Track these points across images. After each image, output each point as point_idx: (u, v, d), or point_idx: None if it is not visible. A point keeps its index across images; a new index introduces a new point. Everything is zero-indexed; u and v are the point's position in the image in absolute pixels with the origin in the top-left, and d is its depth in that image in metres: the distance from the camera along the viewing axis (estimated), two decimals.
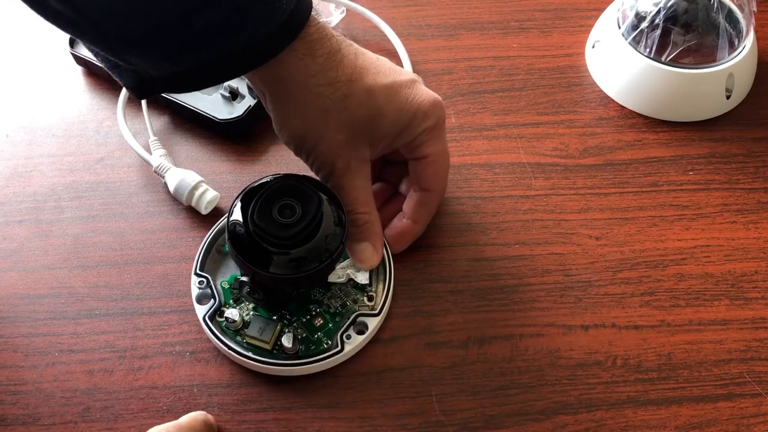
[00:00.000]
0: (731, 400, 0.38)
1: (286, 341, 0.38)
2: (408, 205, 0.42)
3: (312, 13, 0.35)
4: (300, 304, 0.40)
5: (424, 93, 0.38)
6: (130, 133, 0.47)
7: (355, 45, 0.38)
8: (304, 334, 0.39)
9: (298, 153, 0.38)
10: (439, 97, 0.39)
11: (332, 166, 0.37)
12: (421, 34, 0.55)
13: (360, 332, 0.39)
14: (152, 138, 0.47)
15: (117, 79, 0.35)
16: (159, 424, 0.35)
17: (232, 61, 0.33)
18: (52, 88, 0.53)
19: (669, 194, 0.46)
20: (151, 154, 0.47)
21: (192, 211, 0.45)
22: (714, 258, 0.43)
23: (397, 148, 0.40)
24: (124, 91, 0.49)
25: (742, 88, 0.50)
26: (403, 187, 0.44)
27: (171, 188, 0.45)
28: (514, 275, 0.42)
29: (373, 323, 0.39)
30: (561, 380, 0.38)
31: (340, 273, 0.41)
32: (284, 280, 0.36)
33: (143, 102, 0.49)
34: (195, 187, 0.44)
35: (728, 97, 0.49)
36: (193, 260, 0.41)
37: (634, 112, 0.50)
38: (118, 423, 0.37)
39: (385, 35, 0.53)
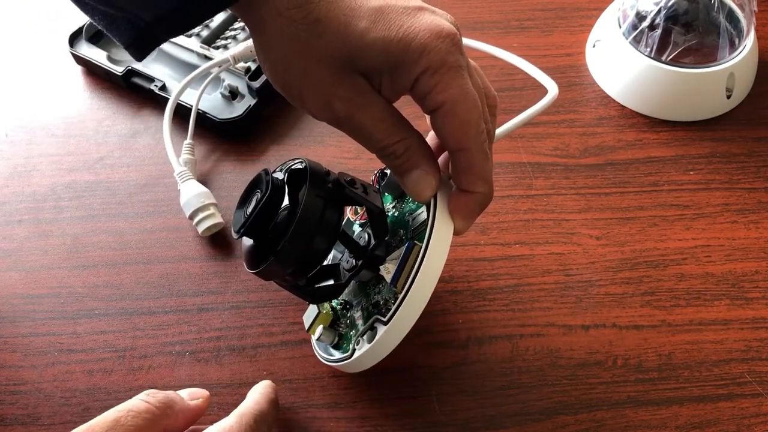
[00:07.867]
0: (732, 400, 0.37)
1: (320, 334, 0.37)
2: (452, 172, 0.35)
3: None
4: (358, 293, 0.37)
5: (425, 21, 0.31)
6: (170, 138, 0.47)
7: None
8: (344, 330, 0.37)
9: (290, 97, 0.34)
10: (450, 28, 0.31)
11: (332, 110, 0.32)
12: None
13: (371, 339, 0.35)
14: (188, 141, 0.47)
15: (116, 40, 0.33)
16: None
17: None
18: (51, 87, 0.53)
19: (669, 194, 0.46)
20: (180, 156, 0.47)
21: None
22: (714, 258, 0.43)
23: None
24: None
25: (742, 88, 0.50)
26: None
27: (181, 201, 0.45)
28: (514, 275, 0.42)
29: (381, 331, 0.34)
30: (561, 380, 0.38)
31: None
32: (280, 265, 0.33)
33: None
34: (201, 209, 0.44)
35: (729, 97, 0.49)
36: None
37: (635, 111, 0.50)
38: None
39: None
